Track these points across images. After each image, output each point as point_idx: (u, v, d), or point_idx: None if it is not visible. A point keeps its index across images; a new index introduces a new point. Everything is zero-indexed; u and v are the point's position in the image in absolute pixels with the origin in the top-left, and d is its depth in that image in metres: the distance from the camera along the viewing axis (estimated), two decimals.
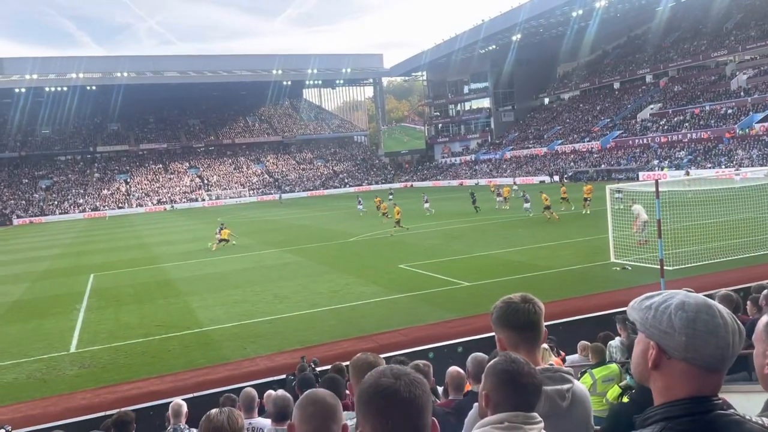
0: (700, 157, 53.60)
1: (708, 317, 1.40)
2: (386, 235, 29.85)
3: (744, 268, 15.21)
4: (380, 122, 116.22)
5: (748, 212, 20.01)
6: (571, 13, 74.33)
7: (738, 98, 58.74)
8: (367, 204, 46.73)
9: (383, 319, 13.97)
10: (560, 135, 78.05)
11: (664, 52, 76.57)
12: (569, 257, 19.58)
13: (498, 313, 2.32)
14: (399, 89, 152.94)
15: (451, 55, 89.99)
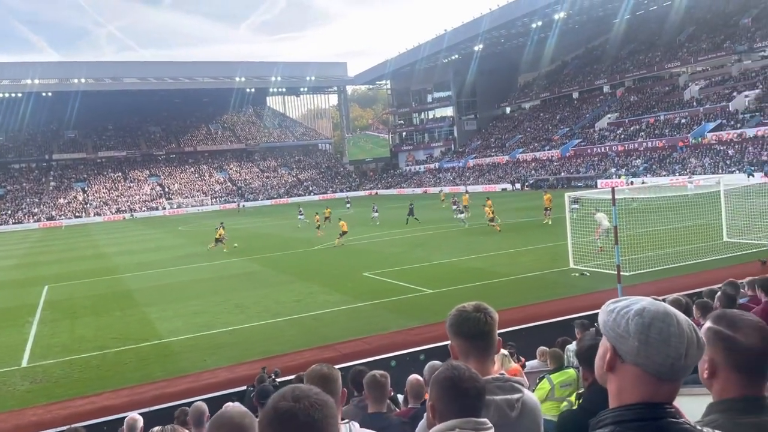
0: (655, 165, 55.12)
1: (663, 325, 1.40)
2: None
3: (696, 273, 15.67)
4: (345, 130, 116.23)
5: (700, 219, 20.64)
6: (531, 24, 75.79)
7: (691, 108, 60.71)
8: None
9: (347, 328, 13.91)
10: (521, 143, 79.33)
11: (620, 63, 78.70)
12: (529, 264, 19.86)
13: (450, 321, 2.33)
14: (363, 97, 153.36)
15: (415, 64, 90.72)
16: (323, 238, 32.53)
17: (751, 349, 1.68)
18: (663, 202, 24.48)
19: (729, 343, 1.72)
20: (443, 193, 59.90)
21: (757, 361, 1.69)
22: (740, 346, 1.70)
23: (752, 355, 1.68)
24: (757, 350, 1.68)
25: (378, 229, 35.10)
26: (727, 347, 1.72)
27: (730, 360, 1.71)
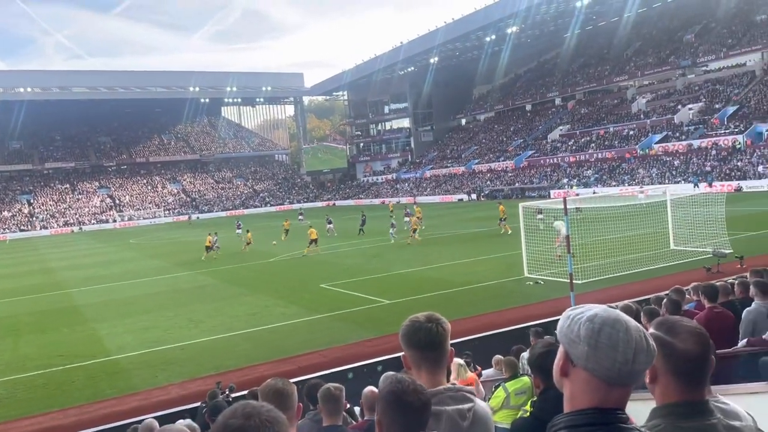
0: (605, 176, 56.71)
1: (612, 331, 1.42)
2: (295, 256, 29.58)
3: (645, 280, 16.13)
4: (302, 141, 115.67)
5: (648, 228, 21.30)
6: (485, 38, 77.23)
7: (638, 120, 62.81)
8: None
9: (303, 341, 13.76)
10: (477, 154, 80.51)
11: (571, 76, 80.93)
12: (485, 273, 20.09)
13: (403, 332, 2.31)
14: (320, 108, 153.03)
15: (372, 76, 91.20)
16: (278, 250, 32.19)
17: (688, 354, 1.71)
18: (614, 211, 25.17)
19: (667, 348, 1.74)
20: (392, 204, 60.11)
21: (694, 366, 1.72)
22: (677, 352, 1.72)
23: (689, 360, 1.71)
24: (693, 355, 1.71)
25: (335, 240, 34.96)
26: (665, 353, 1.74)
27: (669, 365, 1.73)
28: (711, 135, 52.38)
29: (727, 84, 59.66)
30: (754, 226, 23.51)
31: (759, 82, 56.97)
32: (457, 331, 12.32)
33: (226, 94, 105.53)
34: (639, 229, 21.07)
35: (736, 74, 60.21)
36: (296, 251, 31.44)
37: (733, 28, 64.68)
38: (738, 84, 58.59)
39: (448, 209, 54.30)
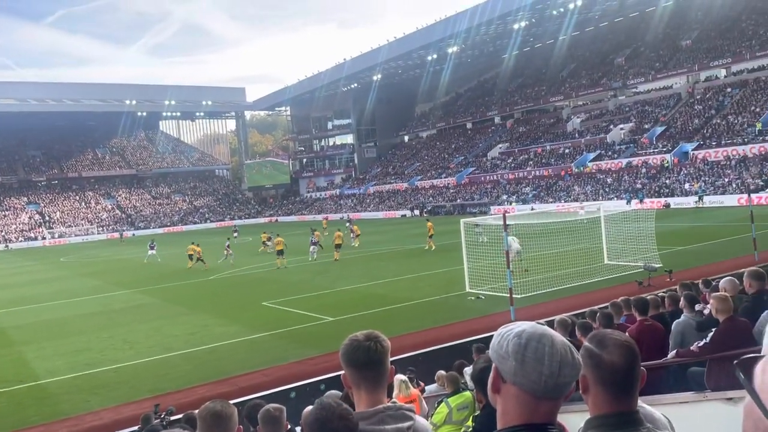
0: (543, 193, 58.44)
1: (538, 345, 1.47)
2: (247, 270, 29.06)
3: (581, 294, 16.65)
4: (243, 156, 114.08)
5: (583, 243, 22.03)
6: (427, 57, 78.65)
7: (573, 139, 65.19)
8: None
9: (244, 360, 13.47)
10: (419, 171, 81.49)
11: (509, 96, 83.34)
12: (428, 288, 20.26)
13: (342, 351, 2.30)
14: (263, 123, 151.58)
15: (315, 92, 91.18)
16: (219, 268, 31.51)
17: (614, 366, 1.79)
18: (551, 227, 25.92)
19: (596, 360, 1.82)
20: (326, 220, 60.07)
21: (620, 378, 1.79)
22: (605, 363, 1.80)
23: (615, 371, 1.79)
24: (619, 367, 1.78)
25: (295, 254, 34.45)
26: (594, 364, 1.82)
27: (597, 376, 1.80)
28: (641, 154, 54.89)
29: (655, 105, 62.80)
30: (681, 241, 24.68)
31: (684, 104, 60.26)
32: (401, 347, 12.37)
33: (164, 107, 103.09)
34: (575, 244, 21.76)
35: (664, 96, 63.48)
36: (237, 269, 30.86)
37: (660, 52, 68.31)
38: (665, 105, 61.78)
39: (391, 225, 54.60)
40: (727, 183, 44.70)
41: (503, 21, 68.14)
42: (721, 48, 61.33)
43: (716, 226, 29.94)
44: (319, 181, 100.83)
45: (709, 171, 47.34)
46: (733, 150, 47.80)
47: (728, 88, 57.48)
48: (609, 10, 71.39)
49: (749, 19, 62.63)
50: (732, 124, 51.68)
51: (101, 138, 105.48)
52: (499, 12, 63.54)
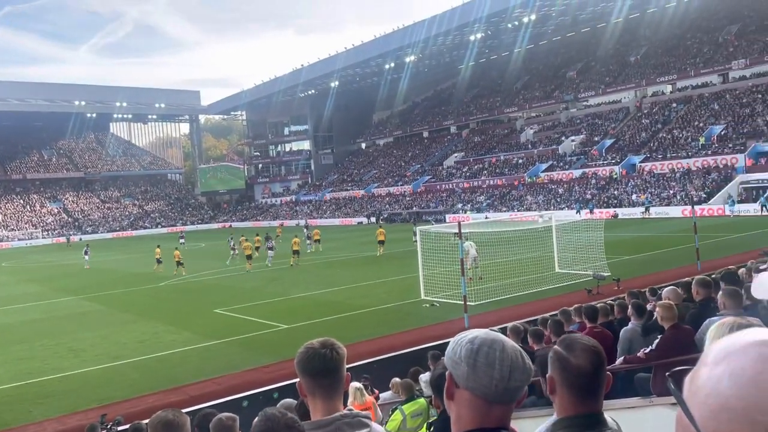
0: (497, 202, 59.41)
1: (490, 350, 1.50)
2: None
3: (534, 301, 16.97)
4: (197, 160, 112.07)
5: (536, 252, 22.49)
6: (384, 65, 79.14)
7: (527, 150, 66.59)
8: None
9: (196, 369, 13.19)
10: (376, 178, 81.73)
11: (465, 106, 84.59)
12: (384, 296, 20.30)
13: (297, 359, 2.28)
14: (217, 127, 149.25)
15: (272, 97, 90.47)
16: (169, 274, 30.82)
17: (580, 369, 1.87)
18: (505, 235, 26.36)
19: (562, 362, 1.91)
20: (281, 226, 59.51)
21: (586, 380, 1.87)
22: (571, 366, 1.89)
23: (581, 374, 1.87)
24: (585, 370, 1.87)
25: (233, 263, 33.99)
26: (560, 366, 1.91)
27: (564, 379, 1.89)
28: (591, 165, 56.47)
29: (605, 118, 64.77)
30: (629, 251, 25.46)
31: (632, 117, 62.36)
32: (356, 355, 12.34)
33: (115, 109, 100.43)
34: (528, 253, 22.18)
35: (613, 110, 65.57)
36: (188, 275, 30.25)
37: (610, 67, 70.58)
38: (614, 119, 63.80)
39: (347, 232, 54.50)
40: (672, 195, 46.40)
41: (460, 32, 69.20)
42: (668, 64, 63.82)
43: (661, 236, 31.02)
44: (275, 187, 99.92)
45: (655, 183, 49.06)
46: (677, 163, 49.68)
47: (674, 104, 59.81)
48: (562, 25, 73.39)
49: (694, 38, 65.40)
50: (677, 138, 53.75)
51: (48, 139, 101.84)
52: (456, 23, 64.52)
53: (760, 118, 49.59)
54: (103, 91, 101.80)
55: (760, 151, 45.95)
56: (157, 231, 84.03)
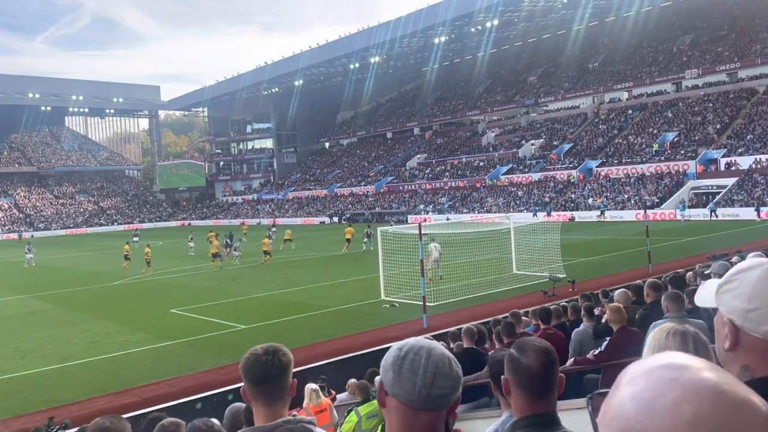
0: (458, 203, 59.97)
1: (416, 357, 1.48)
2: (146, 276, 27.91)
3: (491, 302, 17.17)
4: (156, 157, 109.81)
5: (494, 253, 22.76)
6: (349, 65, 79.03)
7: (488, 153, 67.43)
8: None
9: (149, 370, 12.91)
10: (339, 178, 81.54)
11: (429, 108, 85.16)
12: (343, 296, 20.26)
13: (241, 364, 2.25)
14: (178, 124, 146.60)
15: (235, 94, 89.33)
16: (126, 272, 30.12)
17: (530, 370, 1.94)
18: (464, 237, 26.61)
19: (514, 363, 1.99)
20: (245, 225, 58.89)
21: (536, 381, 1.94)
22: (521, 367, 1.96)
23: (531, 375, 1.94)
24: (534, 371, 1.94)
25: (191, 262, 33.43)
26: (513, 368, 1.99)
27: (516, 380, 1.97)
28: (550, 169, 57.54)
29: (563, 123, 66.09)
30: (584, 253, 26.03)
31: (590, 123, 63.79)
32: (313, 356, 12.29)
33: (71, 102, 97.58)
34: (487, 254, 22.44)
35: (572, 115, 66.96)
36: (145, 274, 29.62)
37: (569, 73, 72.07)
38: (573, 124, 65.16)
39: (309, 231, 54.17)
40: (626, 199, 47.64)
41: (425, 35, 69.62)
42: (624, 72, 65.53)
43: (615, 239, 31.81)
44: (236, 185, 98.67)
45: (610, 187, 50.29)
46: (632, 168, 51.04)
47: (629, 110, 61.43)
48: (524, 31, 74.58)
49: (650, 47, 67.31)
50: (632, 144, 55.21)
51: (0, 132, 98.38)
52: (421, 26, 64.88)
53: (710, 126, 51.37)
54: (59, 84, 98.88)
55: (709, 158, 47.60)
56: (113, 228, 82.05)
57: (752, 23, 59.96)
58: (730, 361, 1.37)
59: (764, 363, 1.30)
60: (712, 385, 0.75)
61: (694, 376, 0.76)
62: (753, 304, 1.29)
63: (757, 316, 1.29)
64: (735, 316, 1.32)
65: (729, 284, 1.36)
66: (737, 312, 1.32)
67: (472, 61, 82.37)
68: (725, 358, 1.38)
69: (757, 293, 1.29)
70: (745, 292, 1.31)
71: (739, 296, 1.32)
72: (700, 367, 0.79)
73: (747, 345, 1.32)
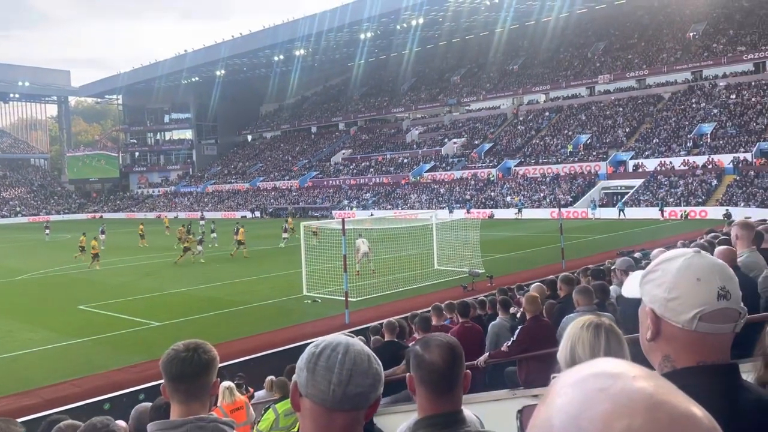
0: (382, 199, 60.36)
1: (332, 353, 1.39)
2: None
3: (413, 297, 17.37)
4: (65, 145, 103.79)
5: (417, 249, 23.07)
6: (273, 57, 77.71)
7: (412, 150, 68.25)
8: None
9: (54, 370, 12.19)
10: (262, 172, 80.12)
11: (354, 103, 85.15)
12: (266, 291, 19.92)
13: (161, 361, 2.15)
14: (90, 111, 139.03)
15: (152, 82, 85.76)
16: (29, 266, 28.31)
17: (433, 365, 1.89)
18: (388, 232, 26.81)
19: (417, 360, 1.93)
20: (166, 218, 56.97)
21: (438, 377, 1.89)
22: (424, 363, 1.91)
23: (433, 371, 1.89)
24: (436, 366, 1.89)
25: (102, 256, 31.79)
26: (416, 364, 1.93)
27: (419, 376, 1.92)
28: (471, 167, 58.95)
29: (484, 123, 67.87)
30: (502, 249, 26.81)
31: (509, 123, 65.85)
32: (231, 353, 11.99)
33: None
34: (409, 249, 22.71)
35: (492, 115, 68.87)
36: (51, 268, 27.95)
37: (491, 74, 74.10)
38: (493, 124, 67.03)
39: (230, 226, 52.86)
40: (542, 198, 49.54)
41: (351, 30, 69.50)
42: (542, 75, 68.08)
43: (532, 236, 33.00)
44: (152, 177, 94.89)
45: (527, 186, 52.13)
46: (548, 168, 53.12)
47: (546, 112, 63.88)
48: (449, 31, 75.90)
49: (566, 52, 70.26)
50: (548, 145, 57.46)
51: None
52: (347, 20, 64.72)
53: (620, 130, 54.26)
54: None
55: (619, 159, 50.28)
56: (17, 220, 77.00)
57: (660, 33, 63.80)
58: (652, 351, 1.39)
59: (685, 353, 1.33)
60: (646, 395, 0.66)
61: (626, 386, 0.67)
62: (673, 294, 1.31)
63: (677, 305, 1.31)
64: (656, 306, 1.34)
65: (652, 274, 1.38)
66: (659, 301, 1.33)
67: (398, 58, 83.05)
68: (648, 348, 1.40)
69: (678, 282, 1.31)
70: (667, 281, 1.33)
71: (660, 285, 1.34)
72: (635, 375, 0.69)
73: (668, 335, 1.34)
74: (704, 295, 1.30)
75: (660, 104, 55.94)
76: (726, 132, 46.85)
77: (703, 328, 1.30)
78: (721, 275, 1.32)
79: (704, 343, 1.31)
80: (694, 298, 1.30)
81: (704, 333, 1.30)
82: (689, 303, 1.30)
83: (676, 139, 49.32)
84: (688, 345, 1.32)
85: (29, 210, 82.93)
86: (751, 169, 41.21)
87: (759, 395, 1.34)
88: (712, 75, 55.16)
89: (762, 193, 38.23)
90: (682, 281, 1.31)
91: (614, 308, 5.94)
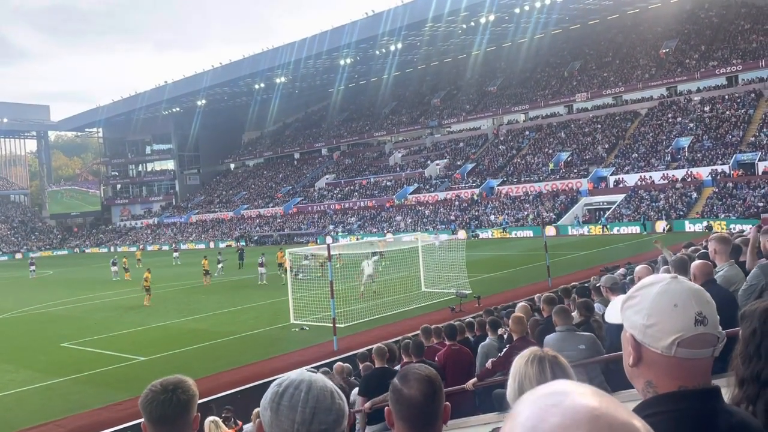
0: (367, 223, 60.33)
1: (295, 391, 1.37)
2: None
3: (401, 321, 17.28)
4: (45, 180, 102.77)
5: (404, 271, 23.02)
6: (254, 85, 78.03)
7: (395, 173, 68.51)
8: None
9: (37, 411, 11.90)
10: (246, 200, 79.83)
11: (336, 128, 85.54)
12: (251, 321, 19.69)
13: (140, 400, 2.11)
14: (70, 145, 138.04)
15: (132, 114, 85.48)
16: (8, 305, 27.76)
17: (411, 400, 1.85)
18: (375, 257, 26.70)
19: (395, 394, 1.89)
20: (139, 251, 56.25)
21: (417, 412, 1.85)
22: (403, 397, 1.87)
23: (412, 405, 1.85)
24: (415, 401, 1.84)
25: (84, 291, 31.33)
26: (395, 398, 1.89)
27: (398, 411, 1.88)
28: (454, 188, 59.25)
29: (466, 144, 68.43)
30: (488, 269, 26.83)
31: (490, 143, 66.45)
32: (218, 385, 11.80)
33: None
34: (397, 272, 22.66)
35: (473, 136, 69.49)
36: (36, 304, 27.45)
37: (470, 96, 74.95)
38: (475, 144, 67.61)
39: (214, 255, 52.41)
40: (525, 216, 49.82)
41: (330, 56, 70.09)
42: (521, 95, 69.01)
43: (517, 255, 33.10)
44: (135, 209, 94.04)
45: (511, 205, 52.44)
46: (531, 186, 53.54)
47: (526, 131, 64.61)
48: (426, 54, 76.87)
49: (543, 71, 71.36)
50: (530, 164, 57.99)
51: None
52: (326, 47, 65.27)
53: (599, 146, 54.96)
54: None
55: (600, 176, 50.84)
56: None
57: (634, 50, 65.08)
58: (635, 376, 1.39)
59: (666, 378, 1.32)
60: (590, 409, 0.77)
61: (574, 401, 0.78)
62: (651, 320, 1.31)
63: (656, 332, 1.31)
64: (636, 332, 1.34)
65: (631, 300, 1.37)
66: (638, 328, 1.33)
67: (378, 83, 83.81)
68: (631, 373, 1.40)
69: (655, 309, 1.31)
70: (645, 308, 1.33)
71: (639, 312, 1.34)
72: (582, 392, 0.80)
73: (649, 360, 1.34)
74: (682, 321, 1.30)
75: (637, 120, 56.85)
76: (703, 145, 47.65)
77: (682, 353, 1.30)
78: (698, 300, 1.32)
79: (684, 369, 1.31)
80: (672, 325, 1.30)
81: (683, 358, 1.30)
82: (667, 329, 1.30)
83: (654, 153, 50.05)
84: (668, 370, 1.32)
85: (9, 247, 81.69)
86: (729, 181, 41.87)
87: (742, 418, 1.33)
88: (686, 90, 56.27)
89: (741, 203, 38.82)
90: (660, 307, 1.31)
91: (599, 324, 5.95)
